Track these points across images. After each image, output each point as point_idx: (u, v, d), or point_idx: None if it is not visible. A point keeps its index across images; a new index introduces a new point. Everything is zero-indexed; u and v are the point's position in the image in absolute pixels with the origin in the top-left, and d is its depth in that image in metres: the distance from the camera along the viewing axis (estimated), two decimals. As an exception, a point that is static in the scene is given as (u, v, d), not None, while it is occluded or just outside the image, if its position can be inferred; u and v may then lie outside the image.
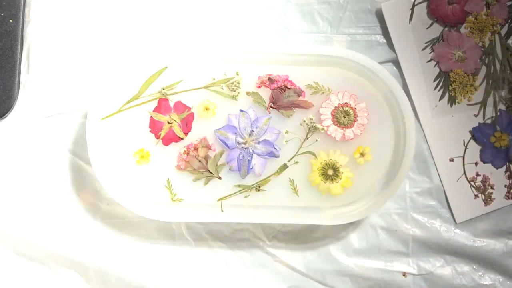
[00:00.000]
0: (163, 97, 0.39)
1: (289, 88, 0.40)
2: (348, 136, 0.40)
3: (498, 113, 0.43)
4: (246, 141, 0.40)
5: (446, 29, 0.43)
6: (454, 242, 0.43)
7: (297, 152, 0.40)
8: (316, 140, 0.40)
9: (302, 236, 0.43)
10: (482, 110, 0.44)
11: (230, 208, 0.40)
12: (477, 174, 0.43)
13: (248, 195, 0.40)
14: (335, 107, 0.40)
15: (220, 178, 0.40)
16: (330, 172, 0.40)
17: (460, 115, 0.43)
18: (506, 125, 0.43)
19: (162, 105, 0.39)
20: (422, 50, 0.43)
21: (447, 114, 0.43)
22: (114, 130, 0.39)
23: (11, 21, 0.42)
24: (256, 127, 0.40)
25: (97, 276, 0.41)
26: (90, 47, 0.43)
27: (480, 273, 0.43)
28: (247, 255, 0.42)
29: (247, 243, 0.42)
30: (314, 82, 0.40)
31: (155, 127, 0.39)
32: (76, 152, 0.42)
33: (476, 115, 0.44)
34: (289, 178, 0.40)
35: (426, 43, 0.43)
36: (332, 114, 0.40)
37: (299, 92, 0.40)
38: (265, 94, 0.40)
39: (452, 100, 0.43)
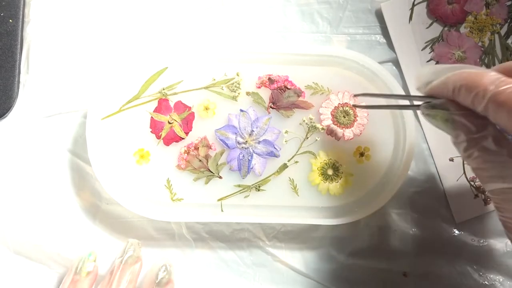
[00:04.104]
0: (163, 97, 0.39)
1: (289, 89, 0.40)
2: (347, 136, 0.40)
3: (498, 113, 0.43)
4: (246, 141, 0.40)
5: (446, 28, 0.43)
6: (454, 242, 0.43)
7: (297, 152, 0.40)
8: (316, 140, 0.40)
9: (302, 236, 0.42)
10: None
11: (230, 208, 0.40)
12: (477, 174, 0.43)
13: (248, 195, 0.40)
14: (335, 107, 0.40)
15: (220, 177, 0.40)
16: (330, 172, 0.40)
17: (460, 115, 0.43)
18: (506, 125, 0.43)
19: (162, 105, 0.39)
20: (421, 50, 0.43)
21: (447, 114, 0.43)
22: (114, 130, 0.39)
23: (10, 20, 0.42)
24: (256, 127, 0.40)
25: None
26: (90, 47, 0.43)
27: (480, 273, 0.43)
28: (247, 255, 0.42)
29: (247, 243, 0.42)
30: (313, 82, 0.40)
31: (155, 127, 0.39)
32: (76, 152, 0.42)
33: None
34: (289, 178, 0.40)
35: (425, 42, 0.43)
36: (332, 114, 0.40)
37: (299, 93, 0.40)
38: (265, 94, 0.40)
39: (452, 100, 0.43)
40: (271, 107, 0.40)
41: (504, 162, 0.26)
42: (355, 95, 0.37)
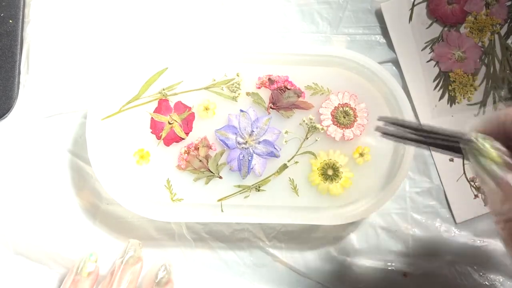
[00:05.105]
0: (164, 98, 0.39)
1: (289, 89, 0.40)
2: (347, 136, 0.40)
3: (498, 113, 0.43)
4: (246, 141, 0.40)
5: (446, 29, 0.43)
6: (454, 242, 0.43)
7: (297, 152, 0.40)
8: (316, 140, 0.40)
9: (302, 236, 0.42)
10: (481, 110, 0.44)
11: (230, 208, 0.40)
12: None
13: (248, 195, 0.40)
14: (335, 107, 0.40)
15: (220, 177, 0.40)
16: (330, 172, 0.40)
17: (459, 115, 0.43)
18: (505, 125, 0.43)
19: (162, 106, 0.39)
20: (421, 50, 0.43)
21: (447, 114, 0.43)
22: (114, 130, 0.39)
23: (10, 21, 0.42)
24: (257, 127, 0.40)
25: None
26: (90, 47, 0.43)
27: (480, 273, 0.43)
28: (247, 255, 0.42)
29: (247, 243, 0.42)
30: (313, 83, 0.40)
31: (156, 127, 0.39)
32: (76, 152, 0.42)
33: (476, 115, 0.44)
34: (289, 178, 0.40)
35: (425, 43, 0.43)
36: (332, 114, 0.40)
37: (299, 93, 0.40)
38: (265, 94, 0.40)
39: (451, 100, 0.43)
40: (271, 108, 0.40)
41: None
42: (379, 119, 0.30)
